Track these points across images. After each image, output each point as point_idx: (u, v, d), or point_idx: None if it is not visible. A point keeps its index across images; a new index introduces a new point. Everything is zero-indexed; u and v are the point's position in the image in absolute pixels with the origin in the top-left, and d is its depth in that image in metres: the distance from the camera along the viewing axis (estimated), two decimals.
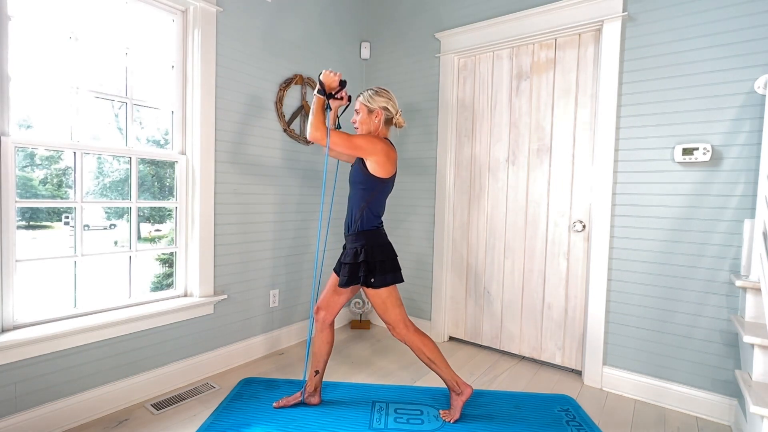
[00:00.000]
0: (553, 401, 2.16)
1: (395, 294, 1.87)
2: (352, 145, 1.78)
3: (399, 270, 1.89)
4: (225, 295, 2.40)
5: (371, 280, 1.80)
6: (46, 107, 1.82)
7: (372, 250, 1.82)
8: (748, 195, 1.94)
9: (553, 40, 2.54)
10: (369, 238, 1.84)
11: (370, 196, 1.85)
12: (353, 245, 1.85)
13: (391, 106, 1.89)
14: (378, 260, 1.82)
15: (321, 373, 2.03)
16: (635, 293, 2.23)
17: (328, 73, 1.82)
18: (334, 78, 1.83)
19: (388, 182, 1.87)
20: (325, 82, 1.82)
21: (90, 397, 1.88)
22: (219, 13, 2.31)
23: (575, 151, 2.48)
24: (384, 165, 1.81)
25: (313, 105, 1.80)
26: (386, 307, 1.86)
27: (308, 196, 2.94)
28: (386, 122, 1.90)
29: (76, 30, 1.88)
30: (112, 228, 2.10)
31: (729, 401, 1.99)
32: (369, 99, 1.88)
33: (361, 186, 1.85)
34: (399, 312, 1.87)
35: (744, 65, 1.94)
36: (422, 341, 1.90)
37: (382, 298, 1.84)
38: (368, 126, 1.89)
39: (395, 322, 1.88)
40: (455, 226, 2.99)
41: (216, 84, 2.33)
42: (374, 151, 1.79)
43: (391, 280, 1.84)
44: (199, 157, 2.26)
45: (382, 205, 1.92)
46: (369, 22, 3.37)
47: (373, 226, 1.87)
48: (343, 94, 1.91)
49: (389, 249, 1.89)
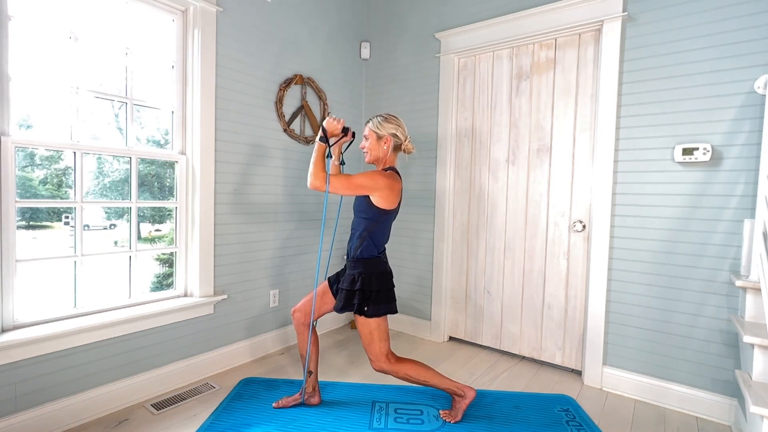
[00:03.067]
0: (553, 401, 2.16)
1: (384, 326, 1.85)
2: (354, 186, 1.77)
3: (394, 301, 1.88)
4: (225, 295, 2.40)
5: (365, 309, 1.80)
6: (46, 107, 1.82)
7: (369, 279, 1.81)
8: (748, 195, 1.94)
9: (553, 40, 2.54)
10: (367, 266, 1.83)
11: (372, 225, 1.85)
12: (352, 272, 1.85)
13: (400, 133, 1.88)
14: (374, 290, 1.81)
15: (315, 374, 2.03)
16: (635, 293, 2.23)
17: (331, 120, 1.82)
18: (336, 126, 1.82)
19: (391, 213, 1.86)
20: (328, 129, 1.82)
21: (90, 397, 1.88)
22: (219, 13, 2.31)
23: (575, 151, 2.48)
24: (387, 198, 1.80)
25: (315, 152, 1.79)
26: (372, 339, 1.84)
27: (308, 196, 2.93)
28: (395, 149, 1.90)
29: (76, 30, 1.88)
30: (112, 228, 2.10)
31: (729, 401, 1.99)
32: (378, 125, 1.87)
33: (364, 215, 1.84)
34: (383, 346, 1.85)
35: (744, 65, 1.94)
36: (407, 369, 1.87)
37: (370, 329, 1.82)
38: (377, 152, 1.89)
39: (377, 356, 1.85)
40: (455, 226, 2.99)
41: (216, 84, 2.33)
42: (377, 187, 1.77)
43: (385, 311, 1.83)
44: (199, 157, 2.26)
45: (385, 235, 1.90)
46: (369, 22, 3.37)
47: (373, 254, 1.86)
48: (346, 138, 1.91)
49: (387, 279, 1.87)
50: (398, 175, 1.88)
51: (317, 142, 1.80)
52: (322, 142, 1.80)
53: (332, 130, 1.83)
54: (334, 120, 1.82)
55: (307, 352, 1.97)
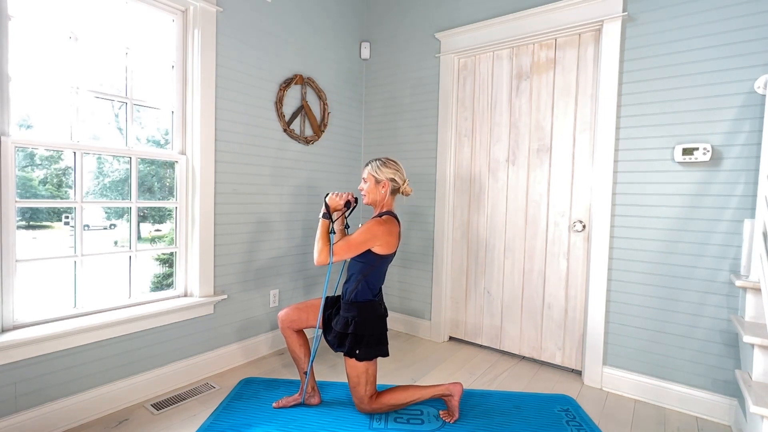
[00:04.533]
0: (553, 401, 2.16)
1: (372, 371, 1.87)
2: (354, 246, 1.78)
3: (386, 344, 1.90)
4: (225, 295, 2.40)
5: (356, 352, 1.82)
6: (46, 107, 1.82)
7: (363, 323, 1.83)
8: (748, 195, 1.94)
9: (553, 40, 2.54)
10: (362, 310, 1.85)
11: (368, 270, 1.86)
12: (346, 315, 1.86)
13: (399, 177, 1.89)
14: (367, 333, 1.83)
15: (311, 373, 2.03)
16: (635, 293, 2.23)
17: (333, 196, 1.84)
18: (339, 201, 1.83)
19: (387, 257, 1.88)
20: (331, 205, 1.83)
21: (90, 397, 1.88)
22: (219, 13, 2.31)
23: (575, 151, 2.48)
24: (387, 244, 1.82)
25: (319, 229, 1.80)
26: (359, 382, 1.86)
27: (308, 196, 2.93)
28: (392, 192, 1.91)
29: (76, 30, 1.88)
30: (112, 228, 2.10)
31: (729, 401, 1.99)
32: (377, 170, 1.88)
33: (360, 260, 1.85)
34: (369, 390, 1.88)
35: (744, 65, 1.94)
36: (389, 399, 1.89)
37: (358, 372, 1.85)
38: (374, 196, 1.90)
39: (362, 399, 1.89)
40: (455, 226, 2.99)
41: (216, 84, 2.33)
42: (375, 238, 1.79)
43: (375, 354, 1.85)
44: (199, 157, 2.26)
45: (381, 278, 1.92)
46: (369, 22, 3.37)
47: (368, 298, 1.87)
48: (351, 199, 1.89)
49: (380, 323, 1.89)
50: (396, 219, 1.89)
51: (320, 219, 1.82)
52: (326, 219, 1.81)
53: (335, 206, 1.84)
54: (337, 196, 1.84)
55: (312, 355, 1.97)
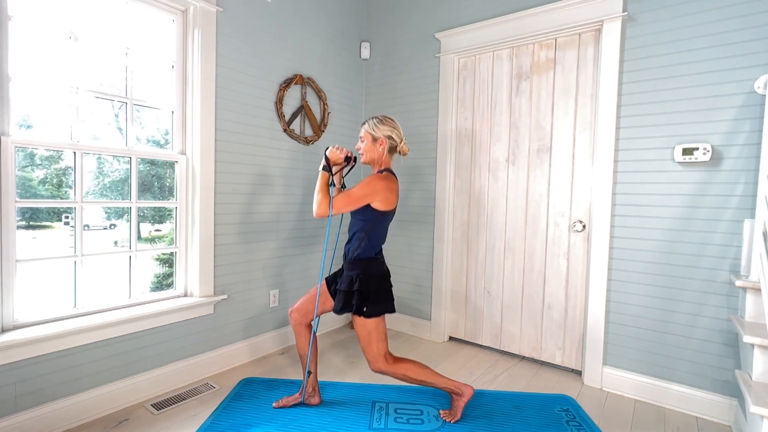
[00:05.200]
0: (553, 401, 2.16)
1: (382, 327, 1.86)
2: (354, 200, 1.78)
3: (392, 301, 1.89)
4: (225, 295, 2.40)
5: (363, 309, 1.81)
6: (46, 107, 1.82)
7: (367, 280, 1.82)
8: (748, 195, 1.94)
9: (553, 40, 2.54)
10: (365, 267, 1.84)
11: (369, 227, 1.85)
12: (350, 273, 1.85)
13: (396, 135, 1.89)
14: (372, 290, 1.82)
15: (314, 373, 2.03)
16: (635, 293, 2.23)
17: (334, 149, 1.84)
18: (339, 155, 1.84)
19: (388, 214, 1.87)
20: (331, 158, 1.83)
21: (90, 397, 1.88)
22: (219, 13, 2.31)
23: (575, 151, 2.48)
24: (387, 200, 1.82)
25: (318, 180, 1.81)
26: (370, 340, 1.84)
27: (308, 196, 2.93)
28: (390, 150, 1.90)
29: (76, 30, 1.88)
30: (112, 228, 2.10)
31: (729, 401, 1.99)
32: (374, 127, 1.88)
33: (361, 217, 1.85)
34: (382, 347, 1.86)
35: (744, 65, 1.94)
36: (405, 369, 1.88)
37: (368, 329, 1.83)
38: (372, 154, 1.89)
39: (375, 357, 1.86)
40: (455, 226, 2.99)
41: (216, 84, 2.33)
42: (375, 193, 1.79)
43: (383, 311, 1.84)
44: (199, 157, 2.26)
45: (382, 236, 1.91)
46: (369, 22, 3.37)
47: (371, 255, 1.87)
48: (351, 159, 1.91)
49: (385, 279, 1.89)
50: (394, 175, 1.89)
51: (320, 171, 1.82)
52: (326, 171, 1.82)
53: (335, 160, 1.84)
54: (337, 149, 1.84)
55: (309, 353, 1.97)
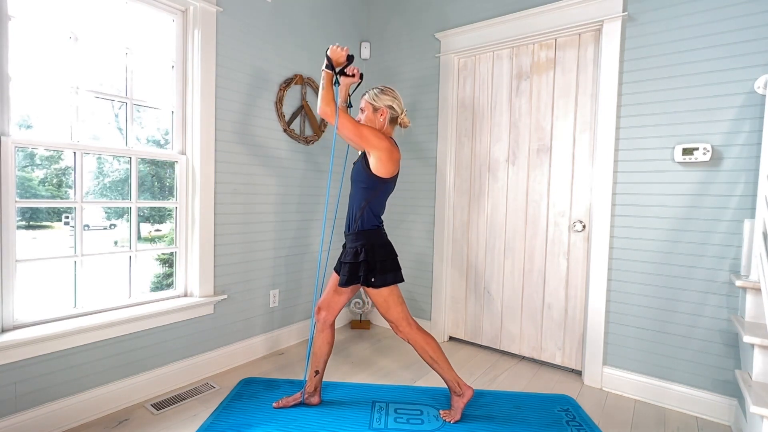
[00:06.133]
0: (553, 401, 2.16)
1: (396, 292, 1.87)
2: (359, 133, 1.77)
3: (399, 269, 1.89)
4: (225, 295, 2.40)
5: (371, 280, 1.80)
6: (46, 107, 1.82)
7: (372, 250, 1.82)
8: (748, 195, 1.94)
9: (553, 40, 2.54)
10: (369, 237, 1.84)
11: (370, 195, 1.85)
12: (353, 244, 1.85)
13: (397, 105, 1.88)
14: (378, 260, 1.81)
15: (321, 374, 2.03)
16: (635, 293, 2.23)
17: (335, 48, 1.80)
18: (341, 53, 1.80)
19: (389, 182, 1.87)
20: (333, 57, 1.80)
21: (90, 397, 1.88)
22: (219, 13, 2.31)
23: (575, 151, 2.48)
24: (386, 164, 1.81)
25: (322, 80, 1.78)
26: (388, 306, 1.86)
27: (308, 196, 2.93)
28: (391, 121, 1.90)
29: (76, 30, 1.88)
30: (112, 228, 2.10)
31: (729, 401, 1.99)
32: (374, 97, 1.87)
33: (363, 185, 1.85)
34: (401, 310, 1.87)
35: (744, 65, 1.94)
36: (425, 340, 1.90)
37: (383, 297, 1.84)
38: (373, 124, 1.88)
39: (398, 320, 1.87)
40: (455, 225, 2.99)
41: (216, 84, 2.33)
42: (379, 146, 1.77)
43: (392, 280, 1.84)
44: (199, 157, 2.26)
45: (383, 205, 1.92)
46: (369, 22, 3.37)
47: (374, 225, 1.87)
48: (354, 70, 1.89)
49: (389, 248, 1.89)
50: (397, 146, 1.89)
51: (324, 71, 1.79)
52: (329, 70, 1.78)
53: (337, 58, 1.80)
54: (338, 48, 1.80)
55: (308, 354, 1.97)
